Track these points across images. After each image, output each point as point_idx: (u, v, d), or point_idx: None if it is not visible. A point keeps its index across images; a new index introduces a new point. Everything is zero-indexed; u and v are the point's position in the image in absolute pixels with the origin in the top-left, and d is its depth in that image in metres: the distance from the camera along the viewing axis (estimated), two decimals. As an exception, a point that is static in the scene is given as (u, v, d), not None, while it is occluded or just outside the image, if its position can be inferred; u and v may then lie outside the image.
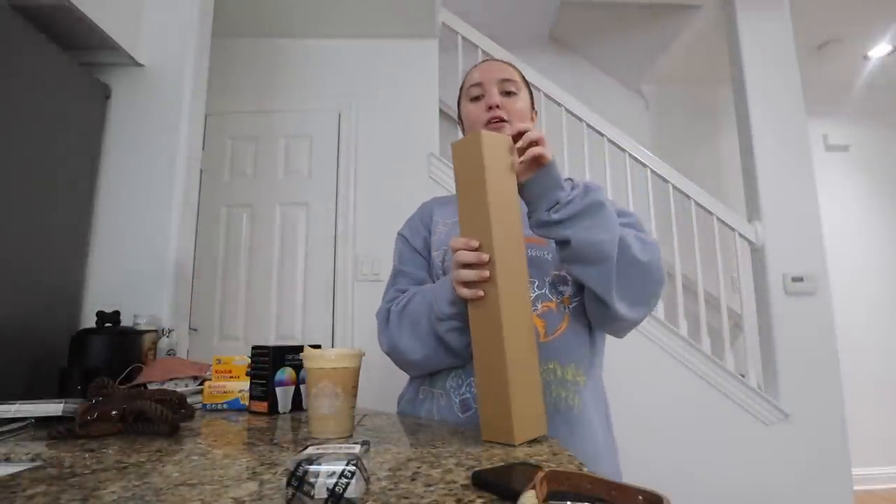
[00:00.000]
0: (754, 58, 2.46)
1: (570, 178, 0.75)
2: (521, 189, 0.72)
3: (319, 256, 2.40)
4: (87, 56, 1.51)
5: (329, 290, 2.36)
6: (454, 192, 0.97)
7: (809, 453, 2.13)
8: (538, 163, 0.71)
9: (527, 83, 0.96)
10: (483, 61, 0.98)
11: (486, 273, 0.65)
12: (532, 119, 0.95)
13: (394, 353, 0.83)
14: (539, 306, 0.79)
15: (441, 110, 2.61)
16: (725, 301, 2.32)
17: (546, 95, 2.47)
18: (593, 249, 0.71)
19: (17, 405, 0.77)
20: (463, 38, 2.56)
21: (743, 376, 2.22)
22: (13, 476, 0.48)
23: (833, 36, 2.94)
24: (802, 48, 2.65)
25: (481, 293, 0.65)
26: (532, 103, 0.96)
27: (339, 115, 2.52)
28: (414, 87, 2.55)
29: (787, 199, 2.35)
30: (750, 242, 2.35)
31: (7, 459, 0.60)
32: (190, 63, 1.62)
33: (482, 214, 0.66)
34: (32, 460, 0.58)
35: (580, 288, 0.81)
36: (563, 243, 0.73)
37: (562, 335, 0.79)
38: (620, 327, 0.82)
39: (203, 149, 2.02)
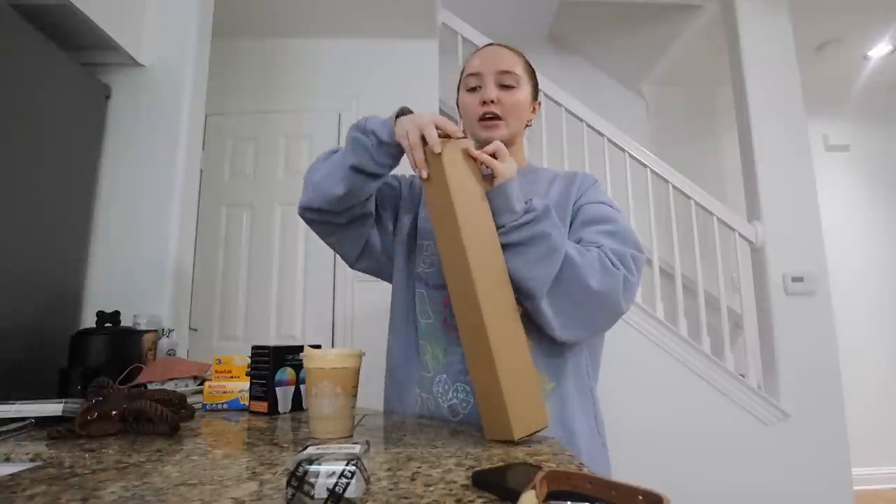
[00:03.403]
0: (754, 58, 2.46)
1: (529, 200, 0.73)
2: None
3: (319, 256, 2.40)
4: (87, 56, 1.51)
5: (329, 290, 2.36)
6: (415, 179, 0.97)
7: (809, 453, 2.13)
8: (493, 176, 0.71)
9: (531, 72, 0.91)
10: (487, 45, 0.93)
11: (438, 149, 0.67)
12: (533, 111, 0.92)
13: (306, 201, 0.82)
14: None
15: (441, 110, 2.61)
16: (725, 301, 2.32)
17: (546, 95, 2.47)
18: (523, 284, 0.70)
19: (17, 405, 0.76)
20: (463, 38, 2.56)
21: (743, 376, 2.21)
22: (13, 476, 0.48)
23: (833, 36, 2.94)
24: (802, 48, 2.64)
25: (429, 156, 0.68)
26: (535, 94, 0.92)
27: (339, 115, 2.52)
28: (414, 87, 2.55)
29: (787, 199, 2.35)
30: (750, 242, 2.35)
31: (7, 459, 0.60)
32: (190, 63, 1.62)
33: (454, 229, 0.66)
34: (32, 460, 0.58)
35: None
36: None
37: (532, 340, 0.76)
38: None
39: (203, 149, 2.02)
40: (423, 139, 0.69)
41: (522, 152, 0.95)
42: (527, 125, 0.92)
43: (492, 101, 0.85)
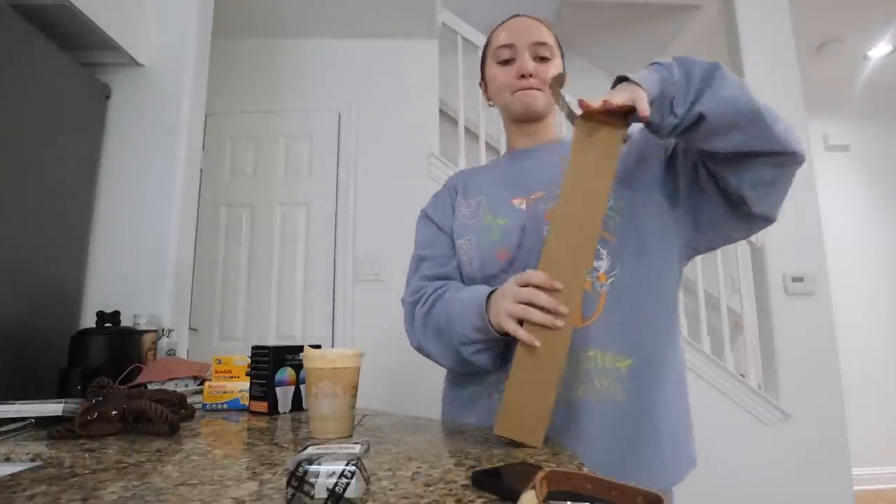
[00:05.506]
0: (754, 58, 2.46)
1: (652, 64, 0.65)
2: (630, 118, 0.64)
3: (319, 256, 2.40)
4: (87, 56, 1.51)
5: (329, 290, 2.36)
6: (438, 195, 0.92)
7: (809, 453, 2.13)
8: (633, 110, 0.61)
9: (558, 43, 0.87)
10: (512, 17, 0.87)
11: (560, 323, 0.59)
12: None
13: (423, 354, 0.80)
14: None
15: (441, 110, 2.61)
16: (725, 301, 2.32)
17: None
18: (734, 107, 0.62)
19: (17, 405, 0.76)
20: (463, 38, 2.56)
21: (743, 376, 2.22)
22: (13, 476, 0.48)
23: (833, 36, 2.94)
24: (802, 48, 2.64)
25: (538, 343, 0.59)
26: (563, 67, 0.87)
27: (339, 115, 2.52)
28: (414, 87, 2.55)
29: (787, 199, 2.33)
30: (750, 242, 2.35)
31: (7, 459, 0.60)
32: (190, 63, 1.62)
33: (590, 224, 0.61)
34: (32, 460, 0.58)
35: (616, 260, 0.73)
36: (694, 128, 0.63)
37: (599, 318, 0.71)
38: (791, 170, 0.72)
39: (203, 149, 2.02)
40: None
41: (554, 126, 0.90)
42: None
43: (530, 75, 0.81)
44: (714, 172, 0.71)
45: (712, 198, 0.73)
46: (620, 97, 0.60)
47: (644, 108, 0.59)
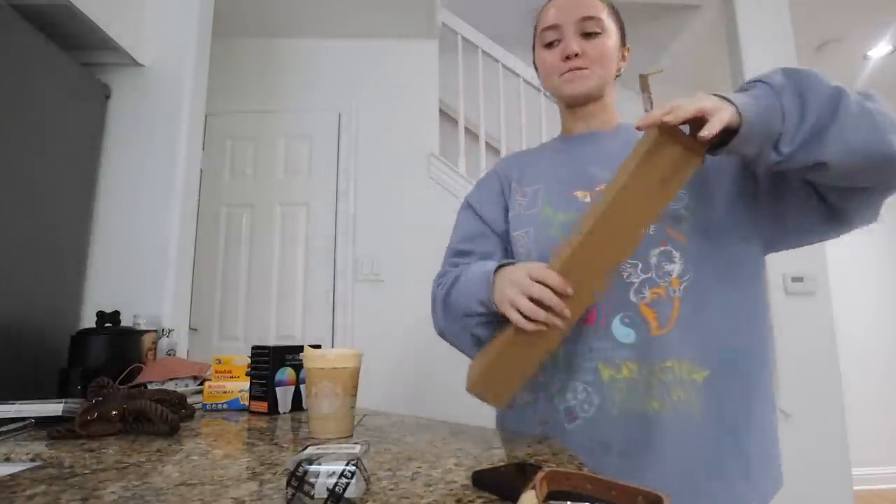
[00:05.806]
0: (754, 58, 2.46)
1: (751, 83, 0.57)
2: (718, 150, 0.58)
3: (319, 256, 2.40)
4: (87, 56, 1.51)
5: (329, 290, 2.36)
6: (485, 181, 0.87)
7: (809, 453, 2.13)
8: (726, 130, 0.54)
9: (617, 15, 0.80)
10: None
11: (559, 323, 0.59)
12: (622, 58, 0.81)
13: (446, 340, 0.79)
14: (647, 293, 0.67)
15: (441, 110, 2.61)
16: (725, 301, 2.32)
17: (546, 95, 2.47)
18: (866, 154, 0.53)
19: (17, 405, 0.76)
20: (463, 38, 2.56)
21: (743, 376, 2.21)
22: (13, 476, 0.48)
23: (833, 36, 2.94)
24: (802, 48, 2.65)
25: (544, 328, 0.59)
26: (623, 39, 0.80)
27: (339, 115, 2.52)
28: (414, 87, 2.55)
29: (787, 199, 2.34)
30: (750, 242, 2.35)
31: (7, 459, 0.60)
32: (190, 63, 1.62)
33: (625, 243, 0.60)
34: (32, 460, 0.58)
35: (689, 263, 0.68)
36: (816, 168, 0.56)
37: (675, 325, 0.66)
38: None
39: (203, 149, 2.02)
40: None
41: (613, 107, 0.84)
42: (616, 75, 0.81)
43: (575, 55, 0.75)
44: (817, 188, 0.64)
45: (812, 208, 0.66)
46: (685, 113, 0.53)
47: (710, 129, 0.51)
